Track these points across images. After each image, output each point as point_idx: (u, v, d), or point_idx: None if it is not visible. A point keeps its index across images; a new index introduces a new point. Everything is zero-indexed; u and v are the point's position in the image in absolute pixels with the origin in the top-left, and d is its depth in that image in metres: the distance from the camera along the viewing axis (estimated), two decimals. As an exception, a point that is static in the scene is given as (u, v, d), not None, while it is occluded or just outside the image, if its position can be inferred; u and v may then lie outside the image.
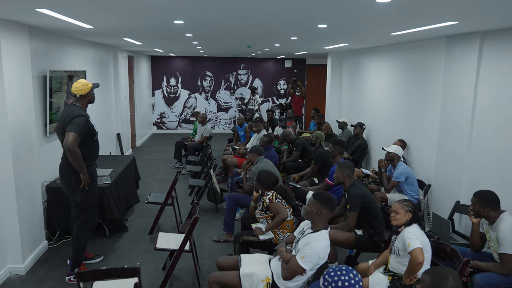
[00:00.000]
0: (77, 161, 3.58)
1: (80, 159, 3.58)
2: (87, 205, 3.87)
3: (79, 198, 3.76)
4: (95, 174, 3.95)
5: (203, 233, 5.10)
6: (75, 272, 3.77)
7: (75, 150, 3.52)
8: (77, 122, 3.58)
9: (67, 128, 3.56)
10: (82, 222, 3.89)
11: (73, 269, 3.86)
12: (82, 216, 3.88)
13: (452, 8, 2.88)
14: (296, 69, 12.77)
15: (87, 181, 3.73)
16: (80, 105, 3.80)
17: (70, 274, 3.92)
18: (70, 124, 3.57)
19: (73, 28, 4.50)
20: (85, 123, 3.65)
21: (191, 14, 3.44)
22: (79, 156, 3.56)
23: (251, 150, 5.20)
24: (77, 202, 3.79)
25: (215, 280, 3.06)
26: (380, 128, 6.93)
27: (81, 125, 3.59)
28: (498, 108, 3.93)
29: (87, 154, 3.74)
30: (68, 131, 3.53)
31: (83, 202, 3.82)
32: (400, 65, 6.20)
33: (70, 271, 3.92)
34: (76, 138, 3.52)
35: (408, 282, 2.87)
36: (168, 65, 12.59)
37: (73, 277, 3.87)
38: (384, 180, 5.03)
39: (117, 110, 8.22)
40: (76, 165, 3.61)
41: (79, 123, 3.58)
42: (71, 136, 3.49)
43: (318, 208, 2.92)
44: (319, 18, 3.56)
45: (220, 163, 7.78)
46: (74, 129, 3.53)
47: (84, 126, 3.63)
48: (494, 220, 3.17)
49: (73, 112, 3.68)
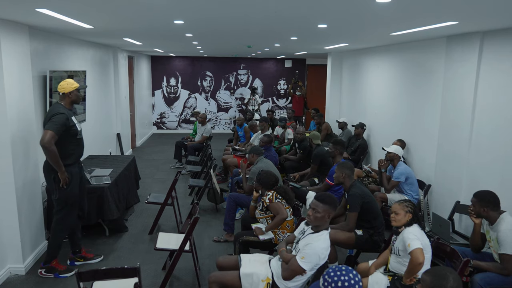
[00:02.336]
0: (53, 159, 3.60)
1: (56, 157, 3.59)
2: (64, 204, 3.88)
3: (56, 196, 3.80)
4: (77, 175, 3.92)
5: (203, 233, 5.10)
6: (46, 266, 3.90)
7: (50, 148, 3.53)
8: (55, 120, 3.60)
9: (46, 125, 3.60)
10: (59, 220, 3.92)
11: (45, 264, 3.96)
12: (60, 214, 3.92)
13: (452, 8, 2.88)
14: (296, 69, 12.76)
15: (65, 180, 3.73)
16: (64, 104, 3.82)
17: (42, 268, 3.98)
18: (49, 122, 3.61)
19: (73, 28, 4.50)
20: (64, 121, 3.64)
21: (191, 14, 3.44)
22: (56, 154, 3.58)
23: (250, 150, 5.20)
24: (55, 200, 3.84)
25: (215, 280, 3.06)
26: (380, 128, 6.93)
27: (59, 123, 3.60)
28: (498, 108, 3.93)
29: (67, 153, 3.77)
30: (45, 128, 3.56)
31: (60, 201, 3.85)
32: (400, 65, 6.20)
33: (42, 265, 3.99)
34: (53, 136, 3.53)
35: (408, 282, 2.87)
36: (168, 65, 12.59)
37: (44, 271, 3.96)
38: (384, 180, 5.02)
39: (117, 110, 8.22)
40: (53, 163, 3.63)
41: (57, 121, 3.59)
42: (48, 134, 3.52)
43: (329, 211, 2.91)
44: (319, 18, 3.56)
45: (220, 163, 7.78)
46: (52, 127, 3.55)
47: (62, 124, 3.63)
48: (494, 220, 3.17)
49: (53, 110, 3.71)
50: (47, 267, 3.98)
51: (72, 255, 4.26)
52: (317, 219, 2.90)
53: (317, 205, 2.91)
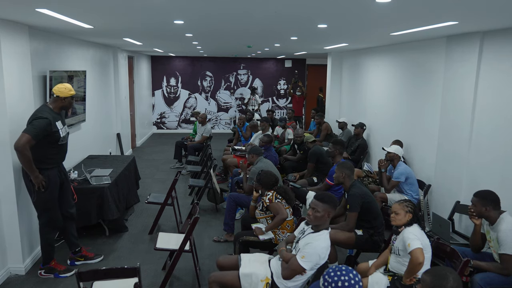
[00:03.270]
0: (26, 164, 3.47)
1: (29, 162, 3.46)
2: (44, 208, 3.80)
3: (34, 199, 3.75)
4: (55, 178, 3.79)
5: (203, 233, 5.10)
6: (45, 267, 3.94)
7: (23, 152, 3.39)
8: (35, 124, 3.47)
9: (25, 128, 3.46)
10: (43, 224, 3.88)
11: (44, 265, 3.99)
12: (42, 219, 3.87)
13: (452, 8, 2.88)
14: (296, 69, 12.76)
15: (40, 184, 3.62)
16: (53, 107, 3.72)
17: (41, 269, 4.00)
18: (28, 124, 3.48)
19: (73, 28, 4.50)
20: (44, 126, 3.50)
21: (191, 14, 3.44)
22: (29, 159, 3.44)
23: (250, 150, 5.20)
24: (33, 203, 3.80)
25: (215, 280, 3.06)
26: (380, 128, 6.93)
27: (38, 127, 3.46)
28: (498, 108, 3.93)
29: (46, 157, 3.68)
30: (23, 131, 3.42)
31: (39, 204, 3.78)
32: (400, 65, 6.20)
33: (42, 266, 4.00)
34: (29, 140, 3.39)
35: (408, 282, 2.87)
36: (168, 65, 12.59)
37: (44, 272, 3.97)
38: (384, 180, 5.02)
39: (117, 110, 8.22)
40: (25, 168, 3.51)
41: (37, 125, 3.46)
42: (24, 138, 3.37)
43: (328, 211, 2.92)
44: (319, 18, 3.56)
45: (220, 163, 7.78)
46: (30, 130, 3.42)
47: (42, 129, 3.48)
48: (495, 220, 3.17)
49: (37, 113, 3.58)
50: (46, 267, 3.99)
51: (72, 255, 4.25)
52: (317, 218, 2.91)
53: (317, 205, 2.91)
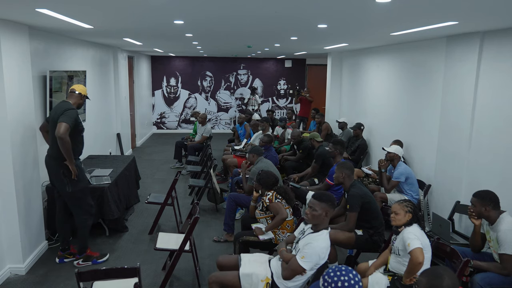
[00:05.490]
0: (68, 150, 3.75)
1: (70, 148, 3.77)
2: (80, 196, 4.06)
3: (70, 189, 3.94)
4: (81, 168, 4.12)
5: (203, 233, 5.10)
6: (82, 256, 4.16)
7: (66, 139, 3.69)
8: (69, 114, 3.78)
9: (59, 118, 3.72)
10: (81, 212, 4.11)
11: (81, 254, 4.22)
12: (79, 207, 4.08)
13: (452, 8, 2.88)
14: (296, 69, 12.78)
15: (75, 171, 3.90)
16: (72, 103, 4.00)
17: (78, 258, 4.21)
18: (62, 115, 3.74)
19: (73, 28, 4.50)
20: (76, 116, 3.86)
21: (191, 14, 3.44)
22: (70, 145, 3.75)
23: (250, 150, 5.20)
24: (69, 194, 3.97)
25: (215, 280, 3.06)
26: (380, 128, 6.93)
27: (72, 117, 3.79)
28: (498, 108, 3.93)
29: (74, 148, 3.91)
30: (60, 121, 3.70)
31: (76, 193, 3.99)
32: (400, 65, 6.20)
33: (78, 256, 4.23)
34: (68, 128, 3.71)
35: (408, 282, 2.87)
36: (168, 65, 12.59)
37: (82, 260, 4.20)
38: (384, 180, 5.02)
39: (117, 110, 8.22)
40: (66, 154, 3.77)
41: (70, 115, 3.78)
42: (63, 126, 3.67)
43: (326, 209, 2.92)
44: (319, 18, 3.56)
45: (220, 163, 7.78)
46: (66, 119, 3.72)
47: (74, 119, 3.83)
48: (494, 220, 3.17)
49: (65, 105, 3.88)
50: (84, 256, 4.20)
51: (61, 252, 4.27)
52: (315, 217, 2.91)
53: (314, 203, 2.92)
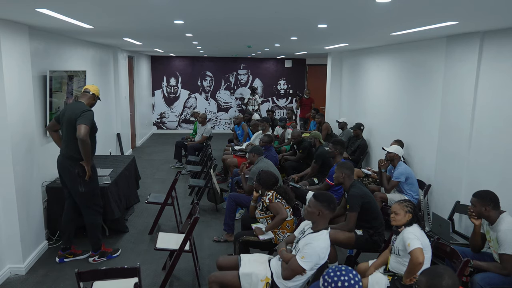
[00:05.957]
0: (88, 152, 3.84)
1: (90, 149, 3.87)
2: (92, 196, 4.13)
3: (83, 189, 3.99)
4: (95, 168, 4.19)
5: (203, 233, 5.10)
6: (98, 253, 4.22)
7: (87, 141, 3.79)
8: (87, 116, 3.86)
9: (78, 120, 3.79)
10: (92, 212, 4.18)
11: (96, 251, 4.28)
12: (90, 207, 4.17)
13: (452, 8, 2.88)
14: (296, 69, 12.79)
15: (90, 173, 3.97)
16: (86, 103, 4.05)
17: (94, 255, 4.27)
18: (80, 117, 3.81)
19: (73, 28, 4.50)
20: (92, 117, 3.94)
21: (191, 14, 3.44)
22: (90, 146, 3.85)
23: (251, 150, 5.20)
24: (81, 193, 4.01)
25: (215, 280, 3.06)
26: (380, 128, 6.93)
27: (90, 118, 3.87)
28: (498, 108, 3.93)
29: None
30: (79, 123, 3.77)
31: (88, 192, 4.07)
32: (400, 65, 6.20)
33: (94, 253, 4.28)
34: (88, 130, 3.79)
35: (408, 282, 2.87)
36: (168, 65, 12.59)
37: (98, 257, 4.27)
38: (384, 180, 5.02)
39: (117, 110, 8.22)
40: (86, 155, 3.84)
41: (89, 117, 3.86)
42: (83, 128, 3.75)
43: (319, 209, 2.92)
44: (319, 18, 3.56)
45: (220, 163, 7.78)
46: (85, 121, 3.80)
47: (91, 120, 3.90)
48: (494, 220, 3.17)
49: (82, 107, 3.94)
50: (99, 253, 4.26)
51: (61, 252, 4.27)
52: (308, 213, 2.97)
53: (310, 200, 3.00)
